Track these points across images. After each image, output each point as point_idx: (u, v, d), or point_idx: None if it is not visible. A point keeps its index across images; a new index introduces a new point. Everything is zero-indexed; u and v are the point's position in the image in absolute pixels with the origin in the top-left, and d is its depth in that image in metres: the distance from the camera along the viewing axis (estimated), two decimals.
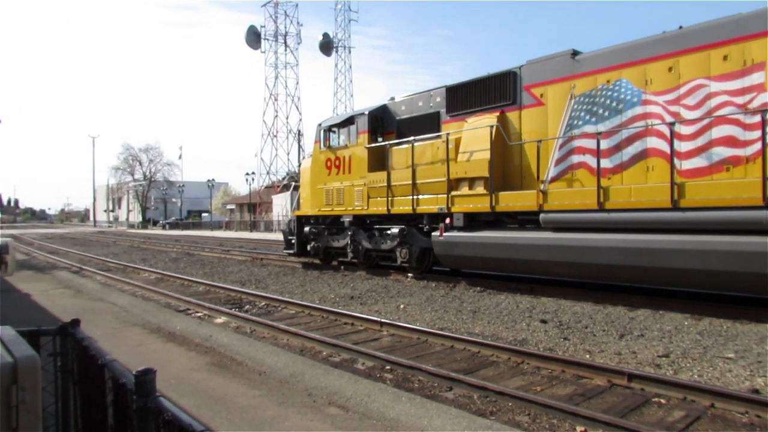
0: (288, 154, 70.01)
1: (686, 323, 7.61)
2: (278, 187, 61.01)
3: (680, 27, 9.05)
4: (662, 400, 4.72)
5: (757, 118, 7.62)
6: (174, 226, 69.97)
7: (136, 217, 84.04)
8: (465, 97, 12.11)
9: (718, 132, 8.27)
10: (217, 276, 14.62)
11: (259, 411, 4.54)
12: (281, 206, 46.65)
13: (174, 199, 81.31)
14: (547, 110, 10.55)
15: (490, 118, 11.31)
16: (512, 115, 11.18)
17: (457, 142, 11.79)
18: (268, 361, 6.09)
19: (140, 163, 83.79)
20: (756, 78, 7.94)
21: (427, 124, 12.87)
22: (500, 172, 11.00)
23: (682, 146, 8.56)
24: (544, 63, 10.73)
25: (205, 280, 13.28)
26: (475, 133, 11.39)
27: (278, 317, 8.95)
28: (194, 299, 10.35)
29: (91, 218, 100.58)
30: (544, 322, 7.93)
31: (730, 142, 8.13)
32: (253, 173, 61.90)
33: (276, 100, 69.50)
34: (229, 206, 75.01)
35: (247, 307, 9.94)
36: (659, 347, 6.41)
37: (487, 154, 10.90)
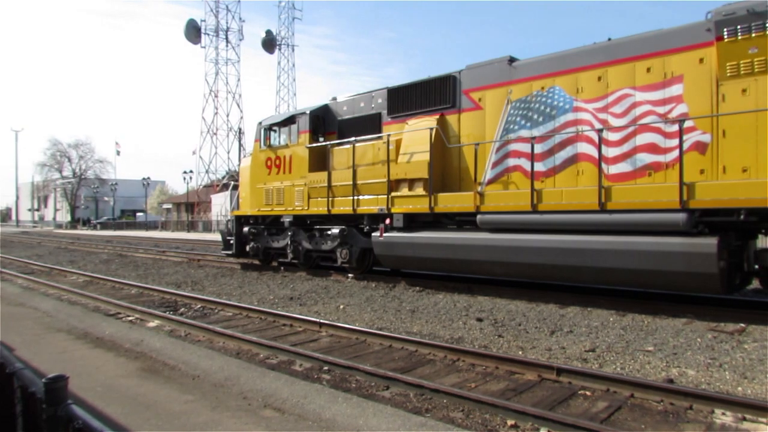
0: (228, 152, 68.61)
1: (612, 319, 8.02)
2: (217, 186, 59.58)
3: (609, 39, 9.52)
4: (588, 393, 4.96)
5: (676, 128, 8.13)
6: (106, 226, 66.97)
7: (64, 216, 79.93)
8: (406, 100, 12.26)
9: (641, 139, 8.76)
10: (151, 278, 14.14)
11: (191, 416, 4.44)
12: (220, 206, 45.59)
13: (106, 198, 77.89)
14: (485, 114, 10.84)
15: (430, 121, 11.50)
16: (452, 118, 11.41)
17: (398, 143, 11.92)
18: (202, 365, 5.96)
19: (69, 160, 79.85)
20: (675, 90, 8.47)
21: (369, 125, 12.93)
22: (439, 174, 11.20)
23: (609, 152, 9.01)
24: (483, 68, 11.02)
25: (138, 283, 12.81)
26: (415, 135, 11.56)
27: (215, 320, 8.77)
28: (125, 302, 9.97)
29: (14, 217, 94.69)
30: (480, 320, 8.15)
31: (652, 149, 8.63)
32: (192, 172, 60.18)
33: (216, 96, 67.94)
34: (165, 206, 72.53)
35: (182, 309, 9.67)
36: (586, 342, 6.73)
37: (426, 156, 11.08)
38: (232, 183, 21.16)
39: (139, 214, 76.38)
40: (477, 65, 11.16)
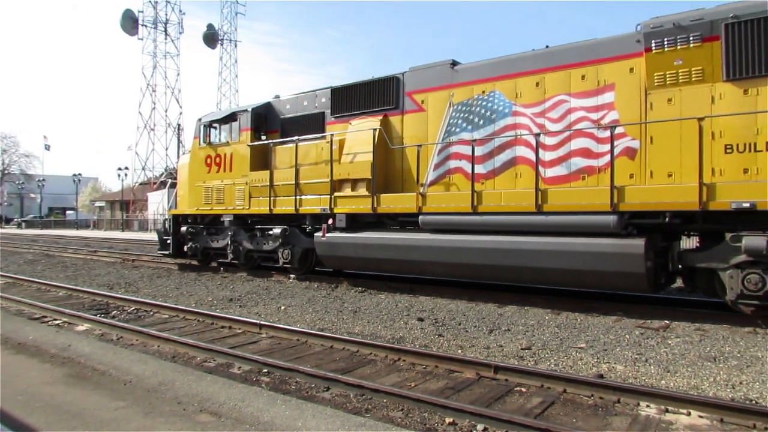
0: (166, 149, 66.42)
1: (547, 318, 8.29)
2: (154, 183, 57.56)
3: (547, 46, 9.84)
4: (523, 389, 5.10)
5: (608, 133, 8.50)
6: (32, 224, 63.35)
7: None
8: (350, 100, 12.24)
9: (576, 144, 9.11)
10: (81, 279, 13.47)
11: (121, 423, 4.25)
12: (157, 204, 44.06)
13: (33, 195, 73.66)
14: (428, 116, 10.97)
15: (373, 122, 11.53)
16: (395, 120, 11.48)
17: (341, 143, 11.89)
18: (135, 370, 5.72)
19: None
20: (607, 97, 8.86)
21: (312, 124, 12.83)
22: (382, 175, 11.25)
23: (546, 156, 9.32)
24: (426, 71, 11.15)
25: (67, 284, 12.18)
26: (358, 136, 11.56)
27: (149, 322, 8.45)
28: (52, 305, 9.45)
29: None
30: (421, 320, 8.24)
31: (586, 153, 8.98)
32: (127, 168, 57.92)
33: (154, 91, 65.70)
34: (98, 203, 69.40)
35: (114, 312, 9.26)
36: (523, 340, 6.92)
37: (369, 157, 11.10)
38: (170, 181, 20.46)
39: (69, 212, 72.75)
40: (420, 68, 11.28)
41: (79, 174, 66.31)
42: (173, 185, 17.84)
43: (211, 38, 70.76)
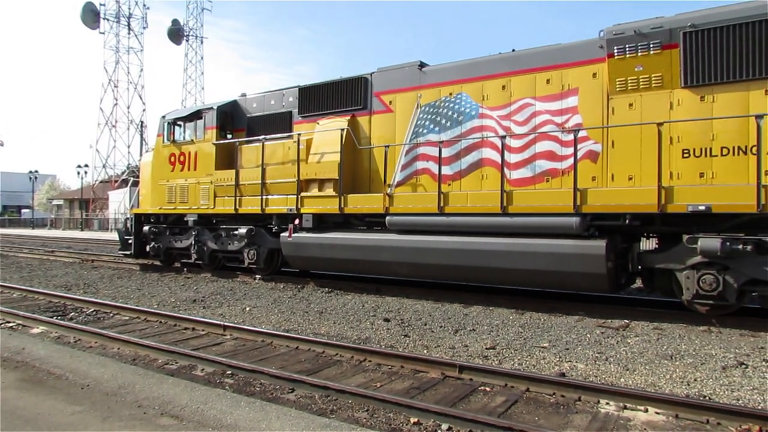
0: (129, 146, 64.85)
1: (511, 317, 8.40)
2: (116, 182, 56.13)
3: (513, 50, 9.99)
4: (487, 388, 5.16)
5: (571, 137, 8.67)
6: None
7: None
8: (317, 99, 12.17)
9: (540, 147, 9.27)
10: (37, 280, 13.03)
11: (78, 428, 4.12)
12: (119, 203, 42.94)
13: None
14: (396, 117, 11.00)
15: (341, 122, 11.50)
16: (363, 120, 11.47)
17: (309, 143, 11.81)
18: (93, 373, 5.56)
19: None
20: (571, 101, 9.04)
21: (279, 123, 12.72)
22: (350, 175, 11.22)
23: (512, 158, 9.45)
24: (394, 72, 11.18)
25: (21, 285, 11.76)
26: (326, 136, 11.50)
27: (109, 324, 8.23)
28: (5, 307, 9.10)
29: None
30: (387, 320, 8.25)
31: (550, 156, 9.15)
32: (87, 166, 56.27)
33: (116, 86, 64.05)
34: (56, 202, 67.25)
35: (72, 314, 8.99)
36: (488, 340, 7.00)
37: (337, 157, 11.06)
38: (132, 179, 19.99)
39: (24, 210, 70.25)
40: (388, 68, 11.30)
41: (36, 171, 64.07)
42: (135, 183, 17.44)
43: (176, 34, 69.40)
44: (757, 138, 7.23)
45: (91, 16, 62.65)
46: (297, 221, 11.63)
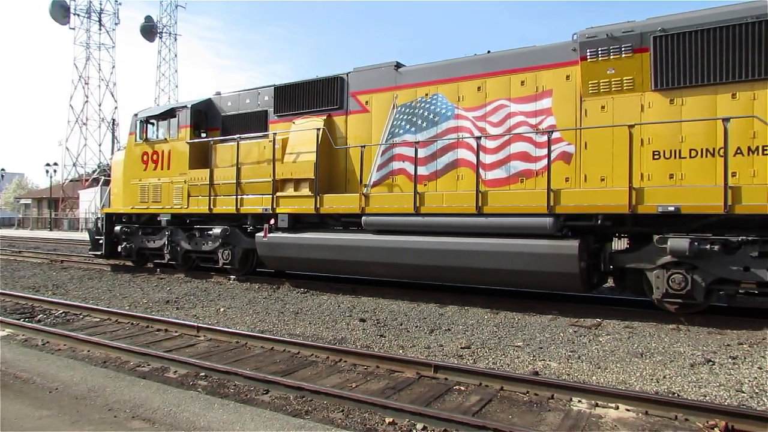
0: (100, 145, 63.45)
1: (486, 317, 8.47)
2: (86, 181, 54.95)
3: (488, 52, 10.07)
4: (462, 387, 5.19)
5: (545, 138, 8.78)
6: None
7: None
8: (293, 98, 12.10)
9: (515, 148, 9.36)
10: (3, 282, 12.67)
11: None
12: (89, 202, 42.13)
13: None
14: (372, 117, 11.00)
15: (317, 121, 11.45)
16: (339, 120, 11.44)
17: (284, 142, 11.74)
18: (62, 376, 5.44)
19: None
20: (545, 103, 9.15)
21: (254, 122, 12.61)
22: (326, 175, 11.18)
23: (487, 159, 9.53)
24: (370, 72, 11.17)
25: None
26: (302, 135, 11.45)
27: (79, 326, 8.06)
28: None
29: None
30: (363, 320, 8.24)
31: (524, 157, 9.25)
32: (56, 164, 54.99)
33: (87, 83, 62.58)
34: (23, 201, 65.55)
35: (40, 316, 8.77)
36: (463, 340, 7.05)
37: (313, 157, 11.01)
38: (103, 178, 19.63)
39: None
40: (365, 68, 11.29)
41: (2, 169, 62.44)
42: (107, 182, 17.13)
43: (149, 31, 68.21)
44: (723, 140, 7.42)
45: (61, 11, 61.12)
46: (272, 221, 11.54)
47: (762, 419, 4.10)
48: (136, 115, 14.46)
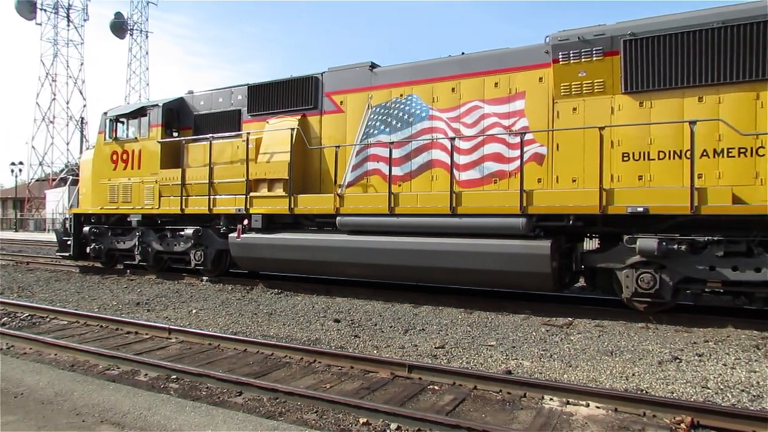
0: (68, 143, 62.03)
1: (460, 317, 8.53)
2: (54, 180, 53.65)
3: (463, 53, 10.15)
4: (436, 387, 5.21)
5: (518, 139, 8.88)
6: None
7: None
8: (267, 98, 12.00)
9: (489, 149, 9.44)
10: None
11: None
12: (56, 202, 41.10)
13: None
14: (347, 117, 10.97)
15: (291, 121, 11.38)
16: (313, 120, 11.39)
17: (258, 142, 11.63)
18: (27, 381, 5.30)
19: None
20: (518, 104, 9.26)
21: (227, 122, 12.47)
22: (300, 175, 11.12)
23: (461, 159, 9.59)
24: (345, 72, 11.15)
25: None
26: (276, 135, 11.36)
27: (45, 329, 7.86)
28: None
29: None
30: (337, 321, 8.21)
31: (498, 158, 9.34)
32: (22, 163, 53.50)
33: (54, 81, 61.10)
34: None
35: (4, 319, 8.52)
36: (437, 339, 7.08)
37: (287, 157, 10.94)
38: (71, 177, 19.19)
39: None
40: (339, 68, 11.26)
41: None
42: (75, 182, 16.72)
43: (120, 27, 66.88)
44: (690, 143, 7.61)
45: (27, 6, 59.51)
46: (246, 222, 11.43)
47: (726, 414, 4.21)
48: (105, 113, 14.16)
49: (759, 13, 7.49)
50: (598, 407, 4.58)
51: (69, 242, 14.53)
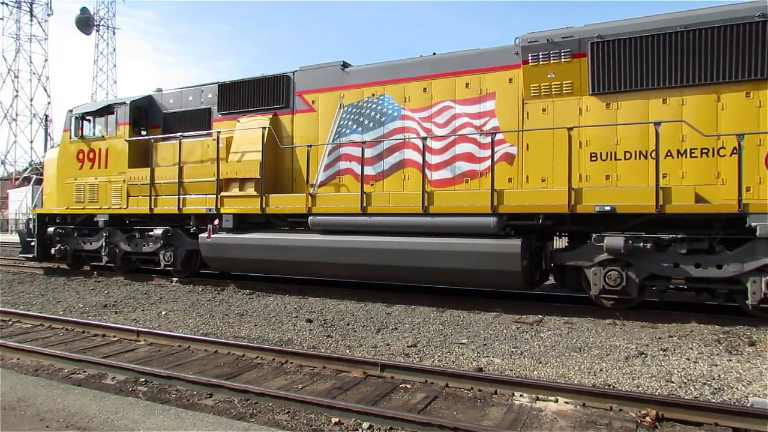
0: (31, 142, 60.40)
1: (432, 315, 8.58)
2: (17, 179, 52.09)
3: (434, 53, 10.20)
4: (408, 386, 5.23)
5: (489, 140, 8.97)
6: None
7: None
8: (238, 96, 11.87)
9: (460, 149, 9.52)
10: None
11: None
12: (20, 202, 39.94)
13: None
14: (318, 117, 10.93)
15: (262, 120, 11.28)
16: (285, 119, 11.32)
17: (229, 141, 11.50)
18: None
19: None
20: (489, 105, 9.36)
21: (197, 120, 12.30)
22: (272, 175, 11.04)
23: (432, 159, 9.65)
24: (317, 71, 11.10)
25: None
26: (247, 134, 11.25)
27: (7, 333, 7.63)
28: None
29: None
30: (310, 321, 8.18)
31: (469, 158, 9.43)
32: None
33: (17, 77, 59.39)
34: None
35: None
36: (409, 338, 7.11)
37: (258, 156, 10.84)
38: (35, 177, 18.71)
39: None
40: (311, 67, 11.21)
41: None
42: (39, 182, 16.29)
43: (85, 23, 65.26)
44: (655, 143, 7.80)
45: None
46: (216, 222, 11.29)
47: (689, 407, 4.34)
48: (71, 111, 13.82)
49: (718, 18, 7.73)
50: (566, 402, 4.67)
51: (33, 243, 14.13)
